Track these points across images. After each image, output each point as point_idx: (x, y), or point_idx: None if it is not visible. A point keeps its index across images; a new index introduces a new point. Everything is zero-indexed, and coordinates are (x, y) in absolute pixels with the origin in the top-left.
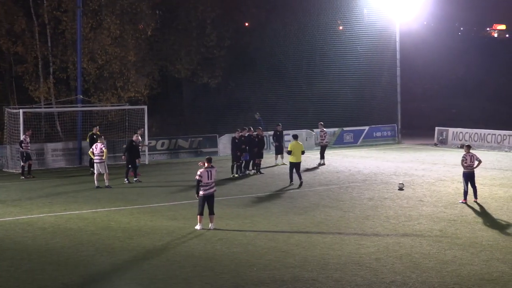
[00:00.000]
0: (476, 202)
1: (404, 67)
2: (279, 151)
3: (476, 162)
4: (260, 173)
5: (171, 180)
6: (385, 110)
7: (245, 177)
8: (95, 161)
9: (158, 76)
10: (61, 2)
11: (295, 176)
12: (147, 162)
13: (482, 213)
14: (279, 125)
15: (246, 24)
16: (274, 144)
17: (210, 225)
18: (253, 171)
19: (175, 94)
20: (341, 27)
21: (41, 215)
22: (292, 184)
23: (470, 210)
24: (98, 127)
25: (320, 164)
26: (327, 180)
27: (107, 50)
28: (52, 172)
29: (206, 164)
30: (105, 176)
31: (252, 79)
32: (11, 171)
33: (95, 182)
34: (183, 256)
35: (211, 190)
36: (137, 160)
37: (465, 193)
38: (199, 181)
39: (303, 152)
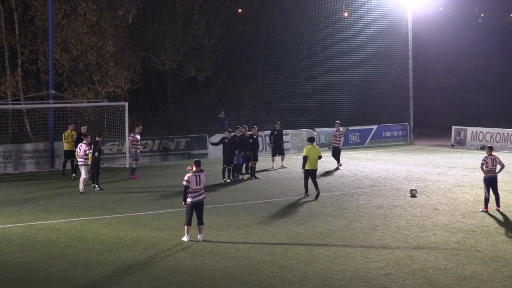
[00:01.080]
0: (498, 210)
1: (417, 59)
2: (277, 152)
3: (498, 167)
4: (255, 177)
5: (154, 186)
6: (395, 107)
7: (238, 182)
8: (79, 163)
9: (140, 68)
10: None
11: (310, 185)
12: (127, 166)
13: (505, 223)
14: (278, 123)
15: (239, 10)
16: (270, 145)
17: (198, 236)
18: (247, 175)
19: (158, 89)
20: (346, 14)
21: (7, 225)
22: (307, 195)
23: (491, 220)
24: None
25: (336, 168)
26: (330, 185)
27: (83, 39)
28: (20, 176)
29: (194, 168)
30: (81, 180)
31: (245, 72)
32: None
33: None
34: (168, 271)
35: (200, 197)
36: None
37: (486, 200)
38: (186, 187)
39: (319, 157)
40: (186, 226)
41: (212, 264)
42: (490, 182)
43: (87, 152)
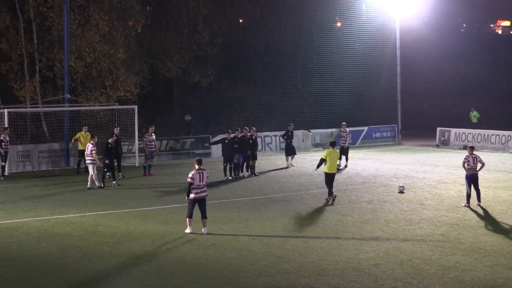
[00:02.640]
0: (479, 205)
1: (404, 65)
2: (289, 152)
3: (479, 165)
4: (255, 175)
5: (162, 183)
6: (384, 110)
7: (239, 179)
8: (87, 162)
9: (148, 74)
10: None
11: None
12: (137, 164)
13: (486, 217)
14: (291, 125)
15: (240, 20)
16: (285, 145)
17: (203, 229)
18: (247, 173)
19: (165, 93)
20: (339, 24)
21: (26, 219)
22: (330, 198)
23: (473, 214)
24: (86, 127)
25: (345, 166)
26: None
27: (95, 48)
28: (38, 174)
29: (197, 166)
30: (89, 177)
31: (245, 78)
32: None
33: (96, 182)
34: (174, 262)
35: (203, 194)
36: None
37: (468, 196)
38: (190, 184)
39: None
40: (187, 219)
41: (215, 255)
42: (472, 179)
43: (93, 152)
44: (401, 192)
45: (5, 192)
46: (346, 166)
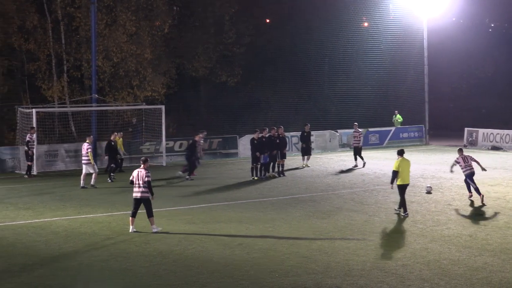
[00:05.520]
0: (471, 199)
1: (431, 65)
2: (305, 152)
3: (473, 163)
4: (283, 175)
5: (188, 183)
6: (411, 110)
7: (266, 179)
8: (82, 161)
9: (175, 74)
10: None
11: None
12: (164, 164)
13: None
14: (307, 125)
15: (267, 20)
16: (301, 145)
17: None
18: (273, 173)
19: (192, 93)
20: (366, 24)
21: (54, 218)
22: (407, 215)
23: (501, 215)
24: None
25: (357, 165)
26: (352, 183)
27: (123, 48)
28: (65, 174)
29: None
30: (82, 176)
31: (272, 78)
32: (23, 173)
33: (81, 182)
34: (200, 261)
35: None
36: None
37: (477, 189)
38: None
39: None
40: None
41: (241, 255)
42: (470, 177)
43: (89, 151)
44: (429, 192)
45: (34, 191)
46: (362, 165)
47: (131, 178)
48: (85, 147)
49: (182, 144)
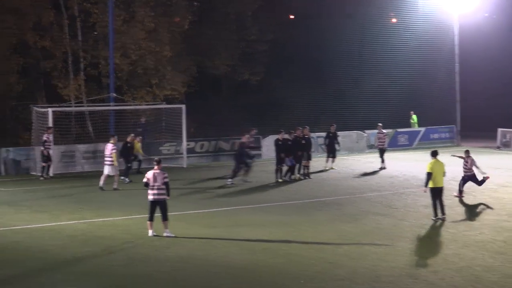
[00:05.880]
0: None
1: (462, 63)
2: (331, 153)
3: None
4: (308, 177)
5: (209, 185)
6: (442, 110)
7: (291, 182)
8: (105, 162)
9: (195, 72)
10: None
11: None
12: (185, 166)
13: None
14: (333, 125)
15: (291, 16)
16: (324, 146)
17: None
18: (298, 175)
19: (213, 91)
20: (393, 20)
21: (71, 222)
22: (439, 219)
23: None
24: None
25: (381, 168)
26: (379, 185)
27: (141, 45)
28: (83, 175)
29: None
30: (102, 177)
31: (296, 76)
32: (39, 174)
33: (101, 182)
34: (222, 266)
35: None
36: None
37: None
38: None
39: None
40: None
41: (265, 260)
42: (469, 178)
43: (113, 152)
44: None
45: (50, 193)
46: (383, 168)
47: (145, 180)
48: (110, 147)
49: (203, 145)
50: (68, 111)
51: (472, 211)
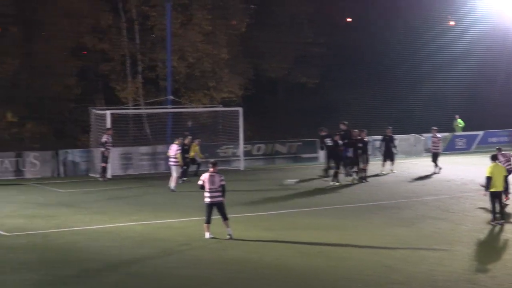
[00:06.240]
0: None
1: None
2: (387, 157)
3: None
4: (365, 181)
5: (266, 188)
6: (501, 114)
7: (346, 185)
8: (170, 163)
9: (252, 75)
10: None
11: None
12: (242, 168)
13: None
14: (389, 128)
15: (347, 19)
16: (381, 149)
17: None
18: (352, 177)
19: (269, 94)
20: (452, 23)
21: (128, 223)
22: (497, 223)
23: None
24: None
25: (435, 173)
26: (437, 189)
27: (198, 48)
28: (140, 177)
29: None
30: (173, 179)
31: (352, 79)
32: (97, 176)
33: (172, 184)
34: (278, 269)
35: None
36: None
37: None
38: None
39: (505, 177)
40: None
41: (321, 263)
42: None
43: (178, 152)
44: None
45: (108, 194)
46: (436, 172)
47: (200, 183)
48: (174, 148)
49: (259, 148)
50: (126, 114)
51: None
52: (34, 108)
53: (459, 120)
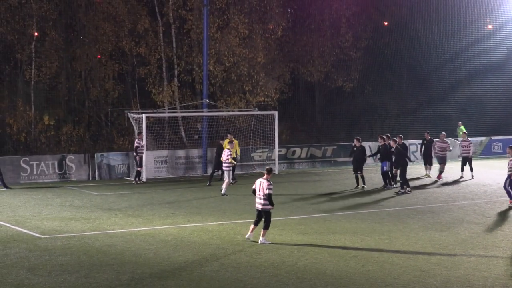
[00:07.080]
0: None
1: None
2: (427, 161)
3: None
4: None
5: (302, 192)
6: None
7: (383, 190)
8: (224, 168)
9: (289, 79)
10: (186, 0)
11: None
12: (276, 172)
13: None
14: (427, 132)
15: (385, 23)
16: (421, 154)
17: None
18: (393, 184)
19: (306, 98)
20: (490, 26)
21: (163, 226)
22: None
23: None
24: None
25: (463, 177)
26: (473, 194)
27: (235, 51)
28: (175, 180)
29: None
30: (225, 184)
31: (390, 83)
32: (133, 179)
33: (223, 189)
34: (313, 273)
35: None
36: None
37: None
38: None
39: None
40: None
41: (356, 267)
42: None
43: (229, 157)
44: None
45: (143, 198)
46: (462, 177)
47: (253, 187)
48: (226, 153)
49: (295, 152)
50: (162, 117)
51: None
52: (73, 111)
53: (462, 127)
